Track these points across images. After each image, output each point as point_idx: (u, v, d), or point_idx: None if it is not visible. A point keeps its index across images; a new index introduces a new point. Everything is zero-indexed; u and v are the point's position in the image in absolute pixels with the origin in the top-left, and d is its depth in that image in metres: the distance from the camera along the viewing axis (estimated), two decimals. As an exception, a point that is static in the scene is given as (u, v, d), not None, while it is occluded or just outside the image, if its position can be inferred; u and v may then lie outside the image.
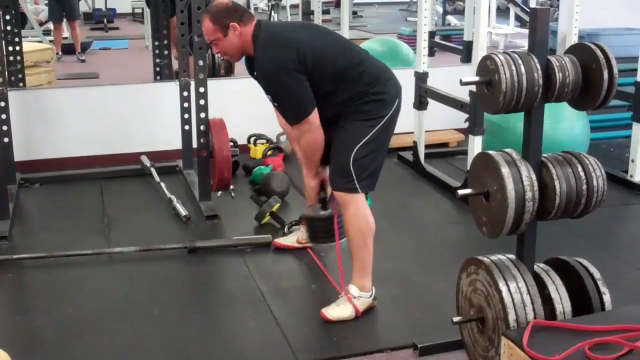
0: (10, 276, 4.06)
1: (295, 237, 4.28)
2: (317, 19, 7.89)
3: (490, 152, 2.71)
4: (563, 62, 2.65)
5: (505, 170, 2.61)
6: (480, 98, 2.77)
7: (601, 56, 2.65)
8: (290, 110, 3.49)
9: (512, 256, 2.82)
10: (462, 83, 2.73)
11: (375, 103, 3.46)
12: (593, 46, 2.69)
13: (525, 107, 2.65)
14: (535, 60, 2.61)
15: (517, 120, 2.78)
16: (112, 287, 3.96)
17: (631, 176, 5.32)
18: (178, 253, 4.26)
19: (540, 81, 2.60)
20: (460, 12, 12.96)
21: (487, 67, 2.65)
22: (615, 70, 2.64)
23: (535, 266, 2.83)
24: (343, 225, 3.59)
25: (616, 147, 6.26)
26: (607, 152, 6.17)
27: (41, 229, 4.75)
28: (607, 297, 2.76)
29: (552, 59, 2.66)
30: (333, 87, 3.44)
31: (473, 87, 4.28)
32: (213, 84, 5.04)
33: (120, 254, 4.23)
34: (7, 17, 5.72)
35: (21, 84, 6.10)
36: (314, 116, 3.43)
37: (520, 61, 2.59)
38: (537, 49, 2.64)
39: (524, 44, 10.75)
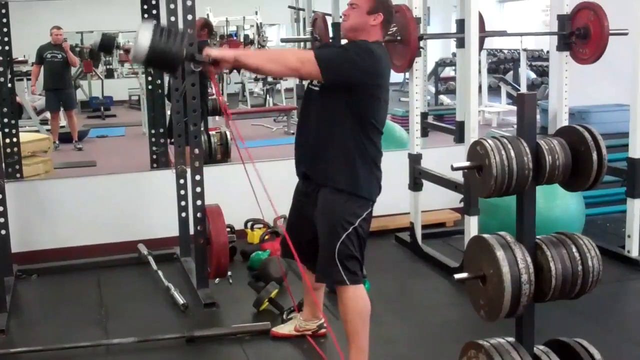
0: (7, 371, 4.03)
1: (293, 325, 4.23)
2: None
3: (485, 235, 2.72)
4: (552, 145, 2.69)
5: (500, 254, 2.61)
6: (473, 182, 2.79)
7: (589, 138, 2.69)
8: (329, 58, 3.31)
9: (512, 339, 2.80)
10: (453, 168, 2.76)
11: (371, 177, 3.45)
12: (581, 128, 2.73)
13: (517, 190, 2.68)
14: (525, 144, 2.64)
15: (512, 200, 2.80)
16: (110, 379, 3.92)
17: (628, 252, 5.31)
18: (176, 343, 4.22)
19: (531, 165, 2.63)
20: (452, 92, 13.10)
21: (478, 152, 2.68)
22: (604, 152, 2.68)
23: (535, 348, 2.81)
24: None
25: (612, 222, 6.27)
26: (604, 228, 6.19)
27: (39, 322, 4.71)
28: (608, 378, 2.74)
29: (542, 142, 2.69)
30: (351, 121, 3.37)
31: (466, 169, 4.31)
32: (209, 170, 5.08)
33: (118, 345, 4.20)
34: (5, 109, 5.78)
35: (18, 175, 6.12)
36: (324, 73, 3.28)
37: (509, 146, 2.63)
38: (526, 133, 2.68)
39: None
